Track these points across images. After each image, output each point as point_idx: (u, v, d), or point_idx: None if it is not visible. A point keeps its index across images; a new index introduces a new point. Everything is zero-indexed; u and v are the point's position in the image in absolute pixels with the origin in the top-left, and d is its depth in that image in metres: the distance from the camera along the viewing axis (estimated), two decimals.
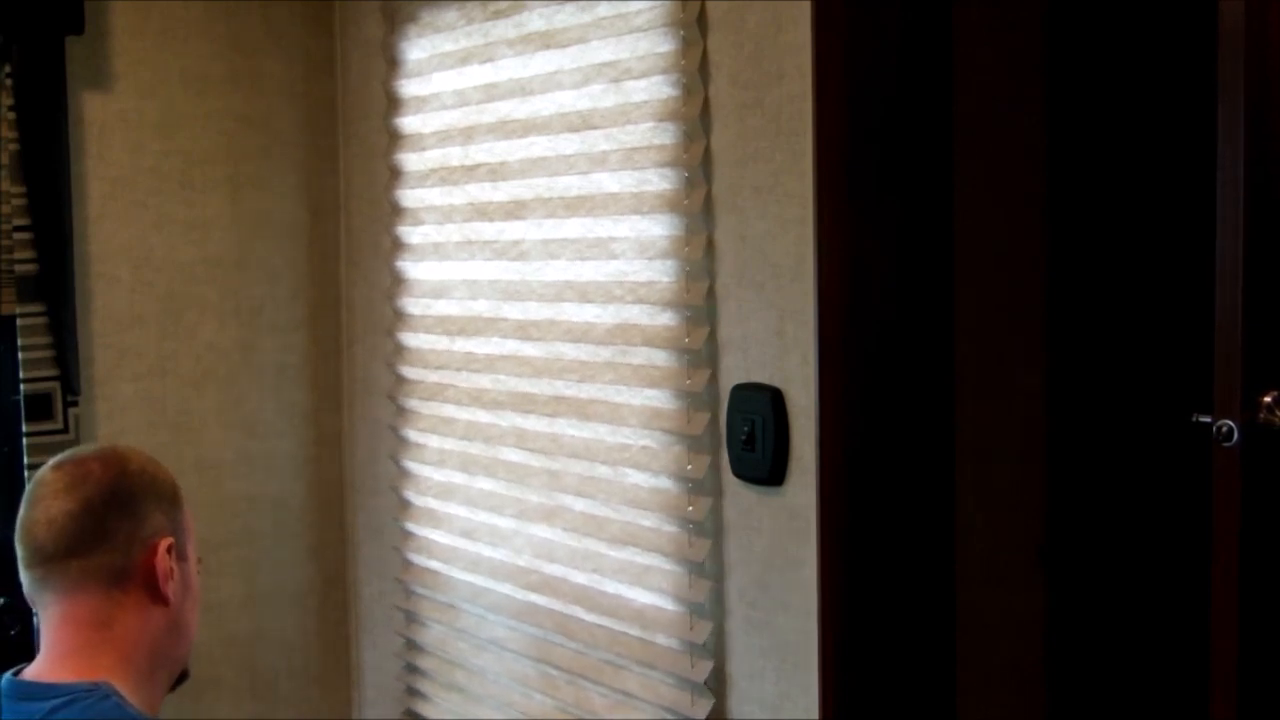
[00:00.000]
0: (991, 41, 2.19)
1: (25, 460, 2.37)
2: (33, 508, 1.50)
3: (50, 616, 1.51)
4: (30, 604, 1.54)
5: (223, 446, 2.64)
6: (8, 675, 1.52)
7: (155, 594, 1.51)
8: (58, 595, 1.49)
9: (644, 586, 2.03)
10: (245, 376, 2.67)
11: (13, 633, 2.46)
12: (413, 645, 2.60)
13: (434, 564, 2.51)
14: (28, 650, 2.39)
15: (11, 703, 1.47)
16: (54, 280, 2.39)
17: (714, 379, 1.93)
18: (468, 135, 2.34)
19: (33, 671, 1.50)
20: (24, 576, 1.51)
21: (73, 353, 2.42)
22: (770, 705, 1.89)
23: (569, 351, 2.15)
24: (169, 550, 1.52)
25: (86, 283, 2.49)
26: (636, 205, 2.01)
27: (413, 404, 2.54)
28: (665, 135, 1.95)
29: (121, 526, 1.50)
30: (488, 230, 2.31)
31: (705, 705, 1.96)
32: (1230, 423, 1.48)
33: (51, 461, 1.55)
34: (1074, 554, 2.33)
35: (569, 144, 2.12)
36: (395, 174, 2.54)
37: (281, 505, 2.71)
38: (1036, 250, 2.29)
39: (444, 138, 2.40)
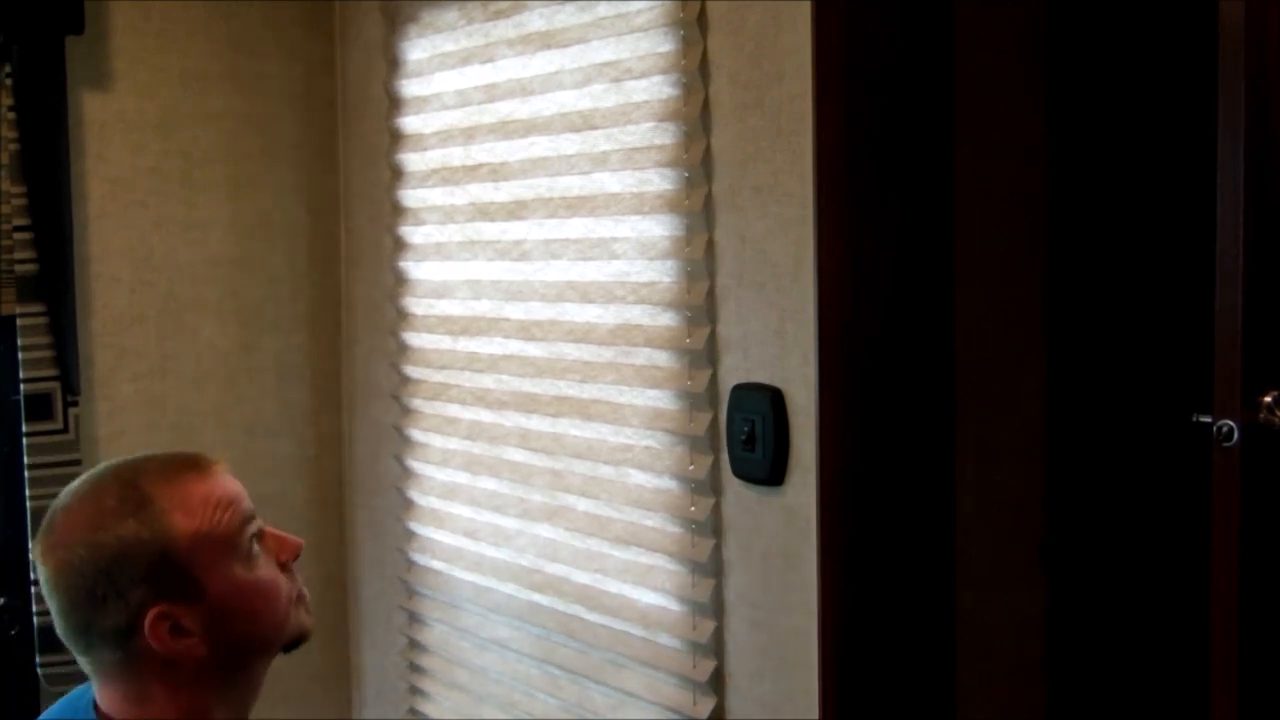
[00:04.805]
0: (991, 41, 2.19)
1: (25, 460, 2.37)
2: None
3: None
4: None
5: (223, 446, 2.64)
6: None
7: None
8: None
9: (647, 586, 2.03)
10: (245, 376, 2.67)
11: (13, 632, 2.46)
12: (415, 645, 2.60)
13: (437, 564, 2.51)
14: (28, 649, 2.40)
15: None
16: (54, 280, 2.39)
17: (714, 379, 1.93)
18: (469, 135, 2.34)
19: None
20: None
21: (73, 353, 2.42)
22: (771, 705, 1.89)
23: (571, 352, 2.15)
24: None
25: (86, 283, 2.49)
26: (637, 205, 2.01)
27: (416, 403, 2.54)
28: (665, 135, 1.95)
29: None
30: (489, 230, 2.32)
31: (707, 705, 1.96)
32: (1230, 423, 1.48)
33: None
34: (1074, 554, 2.33)
35: (570, 144, 2.12)
36: (396, 174, 2.54)
37: (281, 505, 2.71)
38: (1036, 250, 2.29)
39: (445, 138, 2.40)
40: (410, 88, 2.49)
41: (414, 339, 2.54)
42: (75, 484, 1.39)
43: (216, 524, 1.38)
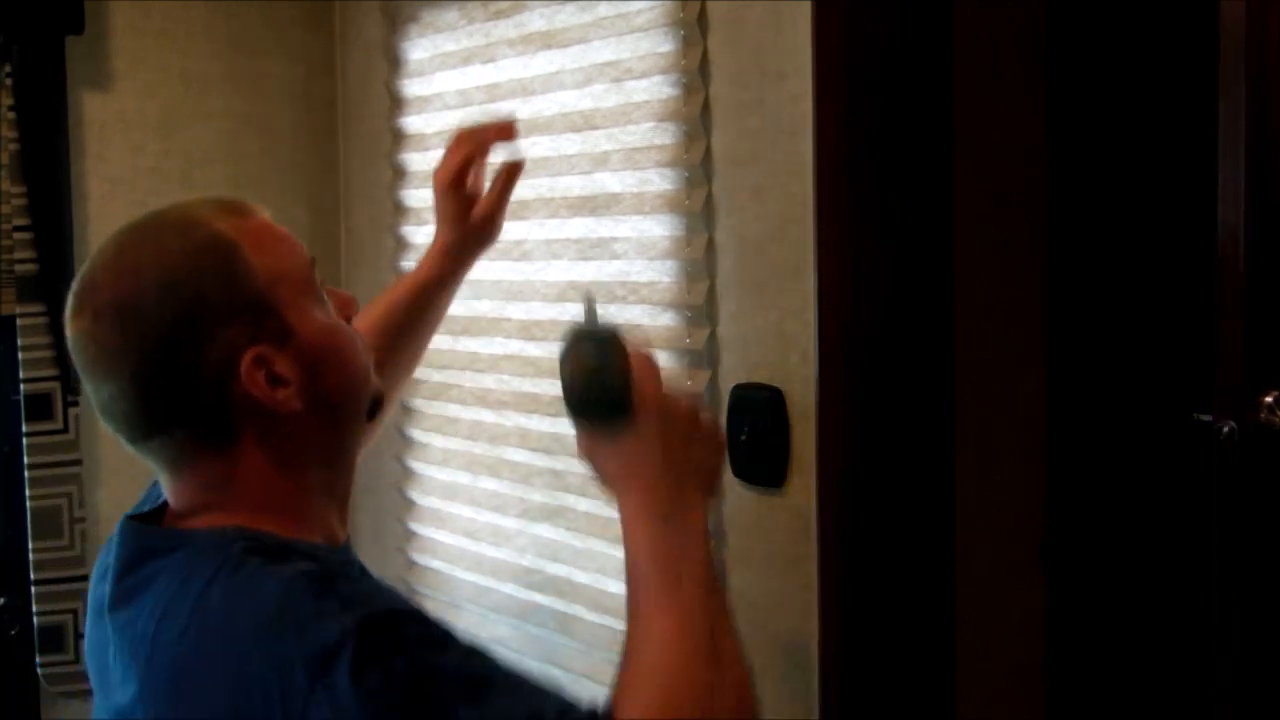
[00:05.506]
0: (991, 41, 2.19)
1: (25, 460, 2.37)
2: None
3: None
4: None
5: None
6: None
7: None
8: None
9: None
10: None
11: (13, 633, 2.46)
12: None
13: (437, 564, 2.51)
14: (28, 649, 2.39)
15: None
16: (54, 280, 2.39)
17: (714, 379, 1.93)
18: None
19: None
20: None
21: None
22: (771, 705, 1.88)
23: None
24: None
25: None
26: (638, 205, 2.01)
27: (417, 403, 2.54)
28: (666, 135, 1.95)
29: None
30: None
31: None
32: (1230, 423, 1.48)
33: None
34: (1074, 554, 2.34)
35: (570, 144, 2.12)
36: (398, 174, 2.55)
37: None
38: (1036, 250, 2.29)
39: (446, 138, 2.40)
40: (411, 87, 2.49)
41: None
42: (105, 244, 1.20)
43: (290, 259, 1.24)
